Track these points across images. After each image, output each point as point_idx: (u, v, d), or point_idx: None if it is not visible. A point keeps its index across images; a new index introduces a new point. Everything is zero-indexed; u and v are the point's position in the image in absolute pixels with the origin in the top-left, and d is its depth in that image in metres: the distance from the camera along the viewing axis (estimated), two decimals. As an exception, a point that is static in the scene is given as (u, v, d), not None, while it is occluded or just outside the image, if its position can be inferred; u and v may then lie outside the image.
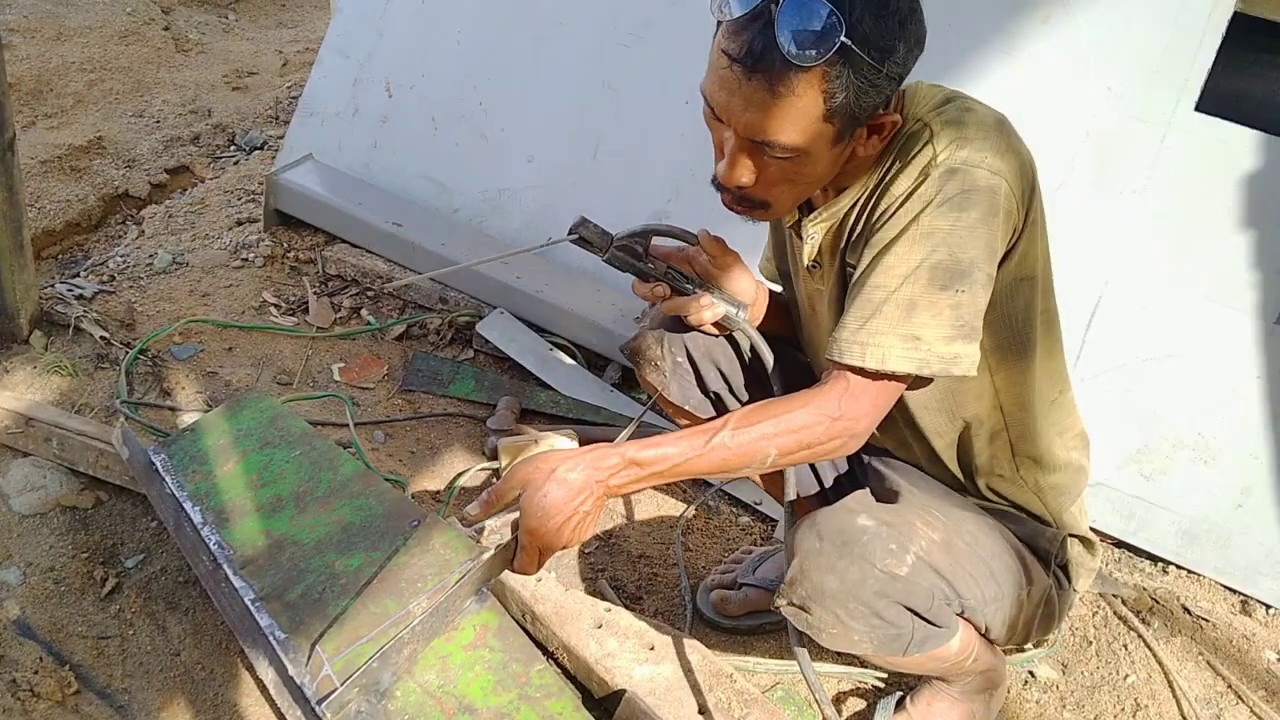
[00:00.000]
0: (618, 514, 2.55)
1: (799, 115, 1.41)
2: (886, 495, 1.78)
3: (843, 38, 1.34)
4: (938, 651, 1.71)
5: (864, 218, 1.59)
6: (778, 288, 2.00)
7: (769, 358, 1.83)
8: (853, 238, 1.62)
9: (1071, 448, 1.83)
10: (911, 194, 1.49)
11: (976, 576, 1.69)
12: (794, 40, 1.35)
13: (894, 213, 1.50)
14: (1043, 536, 1.83)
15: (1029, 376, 1.69)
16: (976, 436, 1.75)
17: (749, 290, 1.89)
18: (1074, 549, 1.87)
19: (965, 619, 1.74)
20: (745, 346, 1.94)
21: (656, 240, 1.83)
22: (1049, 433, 1.78)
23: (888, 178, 1.54)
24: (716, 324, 1.84)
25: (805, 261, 1.71)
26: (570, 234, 1.75)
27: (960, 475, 1.81)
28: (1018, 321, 1.64)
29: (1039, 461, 1.78)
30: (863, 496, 1.71)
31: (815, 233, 1.66)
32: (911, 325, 1.48)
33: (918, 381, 1.58)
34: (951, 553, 1.65)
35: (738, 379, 1.98)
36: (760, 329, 1.89)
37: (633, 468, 1.52)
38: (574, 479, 1.49)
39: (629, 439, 1.58)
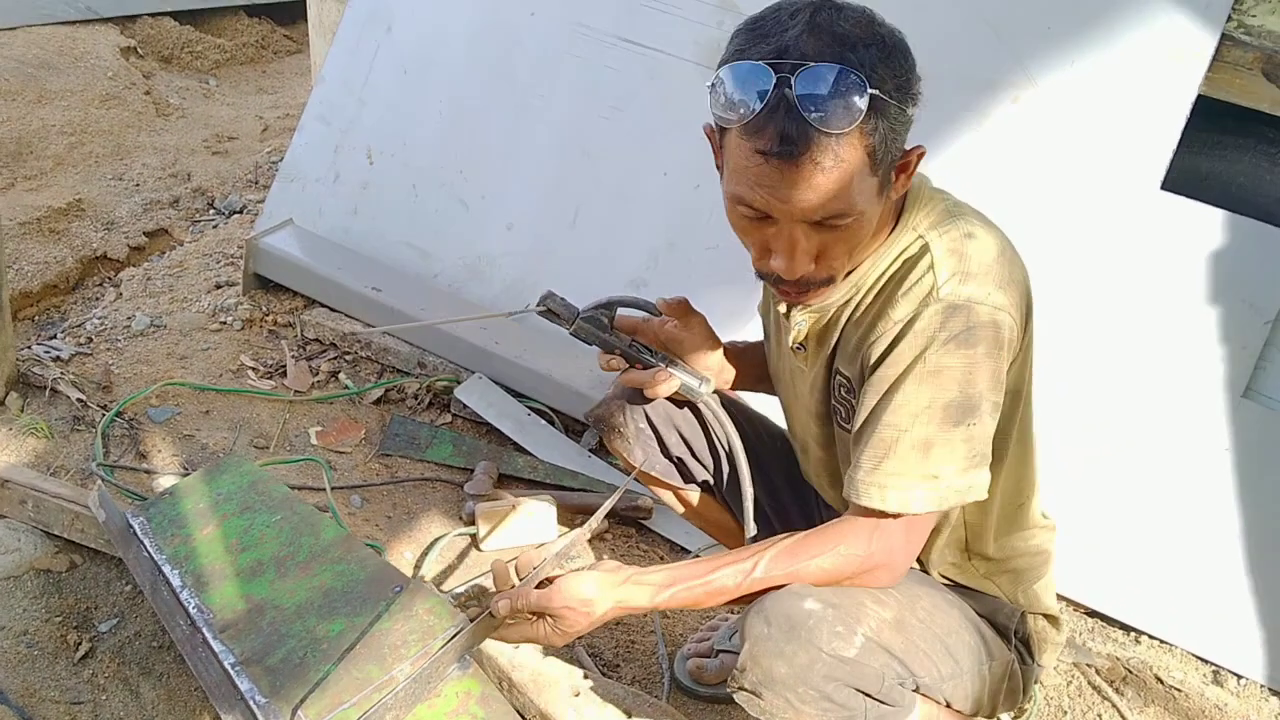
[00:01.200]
0: (595, 580, 2.55)
1: (853, 179, 1.40)
2: None
3: (870, 90, 1.35)
4: None
5: (855, 324, 1.61)
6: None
7: (733, 436, 1.85)
8: (841, 341, 1.64)
9: (1031, 538, 1.84)
10: (911, 323, 1.50)
11: (932, 654, 1.68)
12: (824, 111, 1.35)
13: (895, 345, 1.51)
14: (1001, 612, 1.84)
15: (994, 486, 1.69)
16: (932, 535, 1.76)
17: (714, 359, 1.92)
18: (1036, 624, 1.88)
19: (923, 695, 1.73)
20: (710, 422, 1.97)
21: (622, 311, 1.87)
22: (1007, 534, 1.80)
23: (881, 288, 1.57)
24: (677, 394, 1.88)
25: (790, 343, 1.73)
26: (537, 305, 1.78)
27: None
28: (997, 434, 1.64)
29: (990, 559, 1.81)
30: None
31: (802, 320, 1.68)
32: (929, 465, 1.51)
33: None
34: (904, 631, 1.64)
35: (700, 442, 2.02)
36: (740, 385, 1.94)
37: (652, 609, 1.63)
38: (604, 617, 1.62)
39: (609, 511, 1.62)
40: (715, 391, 1.90)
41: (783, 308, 1.71)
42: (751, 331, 2.06)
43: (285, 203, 3.47)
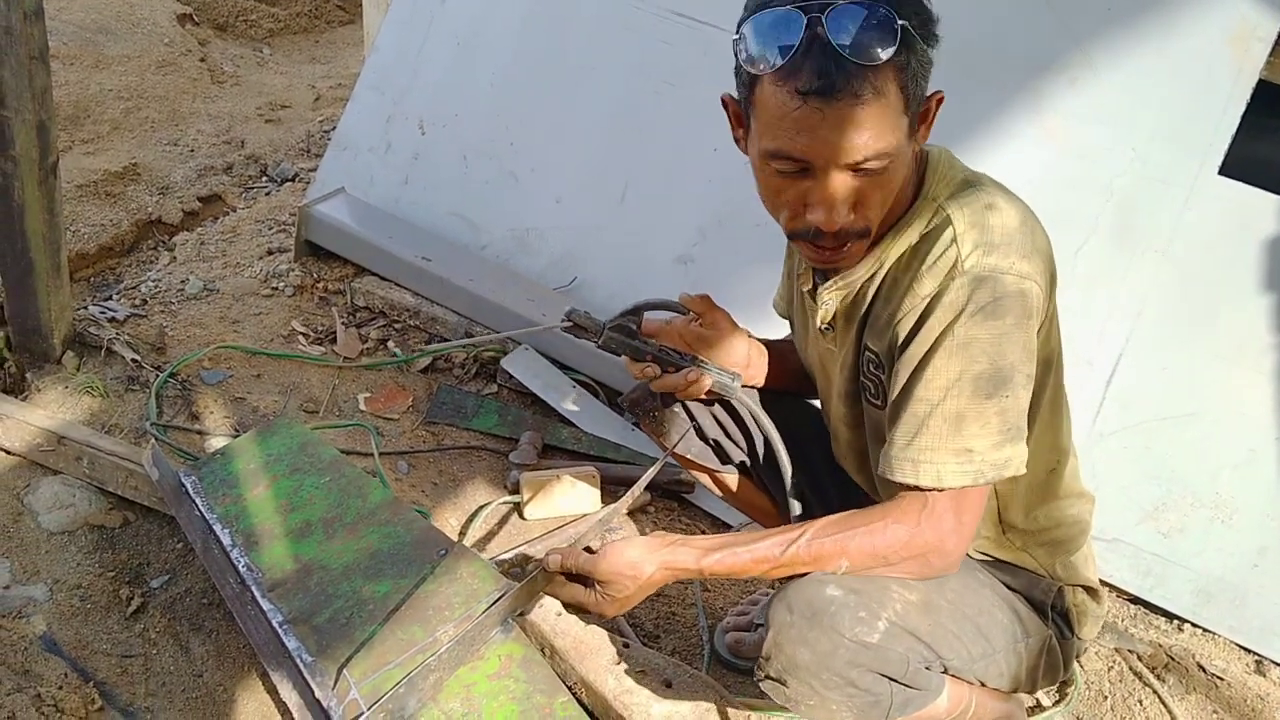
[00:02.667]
0: (637, 552, 2.57)
1: (890, 115, 1.40)
2: None
3: (900, 22, 1.35)
4: (924, 713, 1.69)
5: (883, 299, 1.60)
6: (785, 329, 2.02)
7: (768, 428, 1.85)
8: (870, 316, 1.63)
9: (1068, 508, 1.81)
10: (938, 298, 1.49)
11: (961, 635, 1.68)
12: (859, 44, 1.34)
13: (923, 319, 1.51)
14: (1038, 587, 1.82)
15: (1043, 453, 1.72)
16: None
17: (741, 355, 1.93)
18: (1076, 596, 1.86)
19: (953, 677, 1.72)
20: (745, 416, 1.97)
21: (648, 315, 1.86)
22: (1040, 504, 1.78)
23: (905, 261, 1.56)
24: (710, 392, 1.88)
25: (818, 324, 1.72)
26: (562, 323, 1.79)
27: None
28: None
29: (1024, 530, 1.79)
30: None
31: (830, 300, 1.67)
32: (962, 438, 1.50)
33: None
34: (931, 613, 1.63)
35: (734, 424, 2.02)
36: (765, 386, 1.95)
37: (704, 576, 1.64)
38: (652, 580, 1.64)
39: (649, 483, 1.64)
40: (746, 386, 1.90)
41: (807, 286, 1.71)
42: None
43: (337, 171, 3.50)
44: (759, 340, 2.02)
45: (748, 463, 2.07)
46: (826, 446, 2.01)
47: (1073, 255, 2.61)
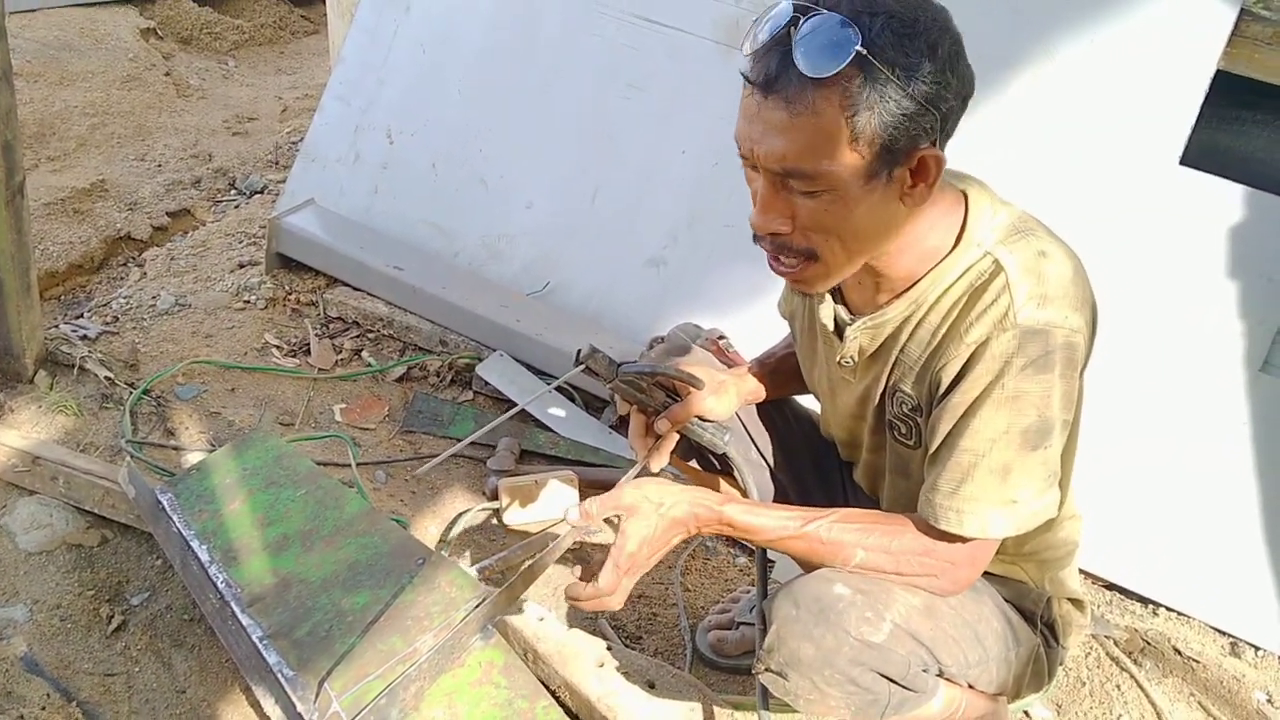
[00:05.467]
0: (616, 555, 2.58)
1: (820, 138, 1.36)
2: None
3: (858, 47, 1.32)
4: (918, 713, 1.70)
5: (921, 343, 1.58)
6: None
7: (751, 489, 1.84)
8: (902, 358, 1.61)
9: (1060, 531, 1.83)
10: (985, 346, 1.47)
11: (960, 640, 1.69)
12: (807, 53, 1.33)
13: (969, 367, 1.49)
14: (1028, 597, 1.85)
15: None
16: None
17: (734, 403, 1.93)
18: (1062, 607, 1.89)
19: (947, 680, 1.73)
20: (734, 468, 1.94)
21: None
22: (1038, 531, 1.75)
23: (950, 306, 1.53)
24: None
25: (839, 358, 1.70)
26: (578, 364, 1.79)
27: None
28: None
29: (1015, 551, 1.81)
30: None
31: (854, 338, 1.65)
32: (1007, 490, 1.50)
33: None
34: (934, 617, 1.65)
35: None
36: (769, 397, 1.99)
37: (724, 526, 1.60)
38: (675, 516, 1.59)
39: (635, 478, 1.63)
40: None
41: (830, 322, 1.68)
42: (768, 307, 2.06)
43: (306, 182, 3.50)
44: (766, 361, 2.02)
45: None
46: (815, 452, 2.03)
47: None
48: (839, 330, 1.68)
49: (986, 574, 1.82)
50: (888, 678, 1.61)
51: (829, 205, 1.42)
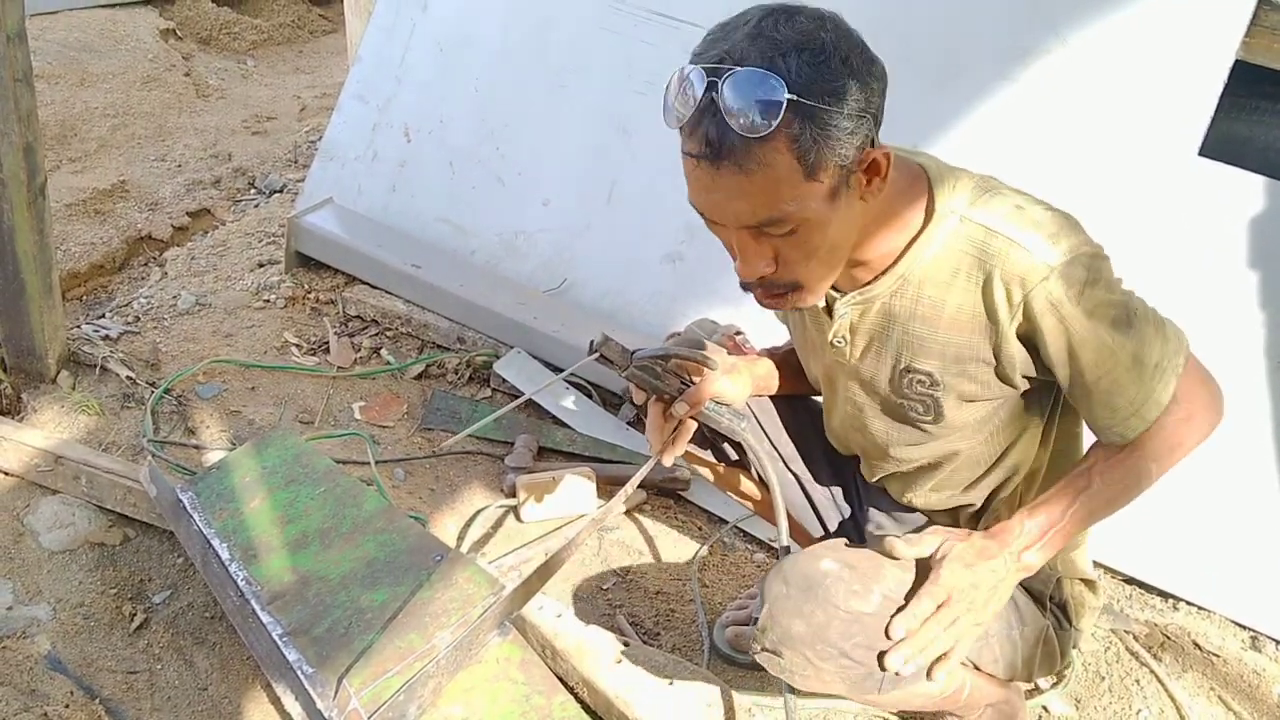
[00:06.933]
0: (635, 551, 2.59)
1: (781, 185, 1.40)
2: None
3: (787, 94, 1.34)
4: (917, 689, 1.70)
5: (923, 319, 1.61)
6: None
7: (770, 475, 1.83)
8: (906, 337, 1.64)
9: None
10: (1032, 301, 1.52)
11: None
12: (742, 116, 1.34)
13: (1035, 326, 1.54)
14: (1036, 577, 1.84)
15: (1044, 447, 1.78)
16: (998, 487, 1.81)
17: (750, 387, 1.94)
18: (1074, 588, 1.90)
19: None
20: (749, 454, 1.97)
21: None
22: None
23: (946, 277, 1.57)
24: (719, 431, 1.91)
25: (829, 337, 1.72)
26: (592, 353, 1.79)
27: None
28: (1051, 391, 1.70)
29: None
30: (834, 543, 1.70)
31: (846, 313, 1.68)
32: (1148, 368, 1.57)
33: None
34: None
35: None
36: (783, 391, 2.00)
37: (1035, 548, 1.63)
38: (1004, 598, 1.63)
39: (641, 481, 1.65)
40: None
41: (821, 303, 1.70)
42: None
43: (325, 181, 3.52)
44: (775, 351, 2.04)
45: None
46: (828, 447, 2.03)
47: (1057, 240, 2.62)
48: (829, 308, 1.70)
49: None
50: (882, 650, 1.62)
51: (806, 236, 1.47)
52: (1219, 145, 2.56)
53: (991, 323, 1.57)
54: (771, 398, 2.03)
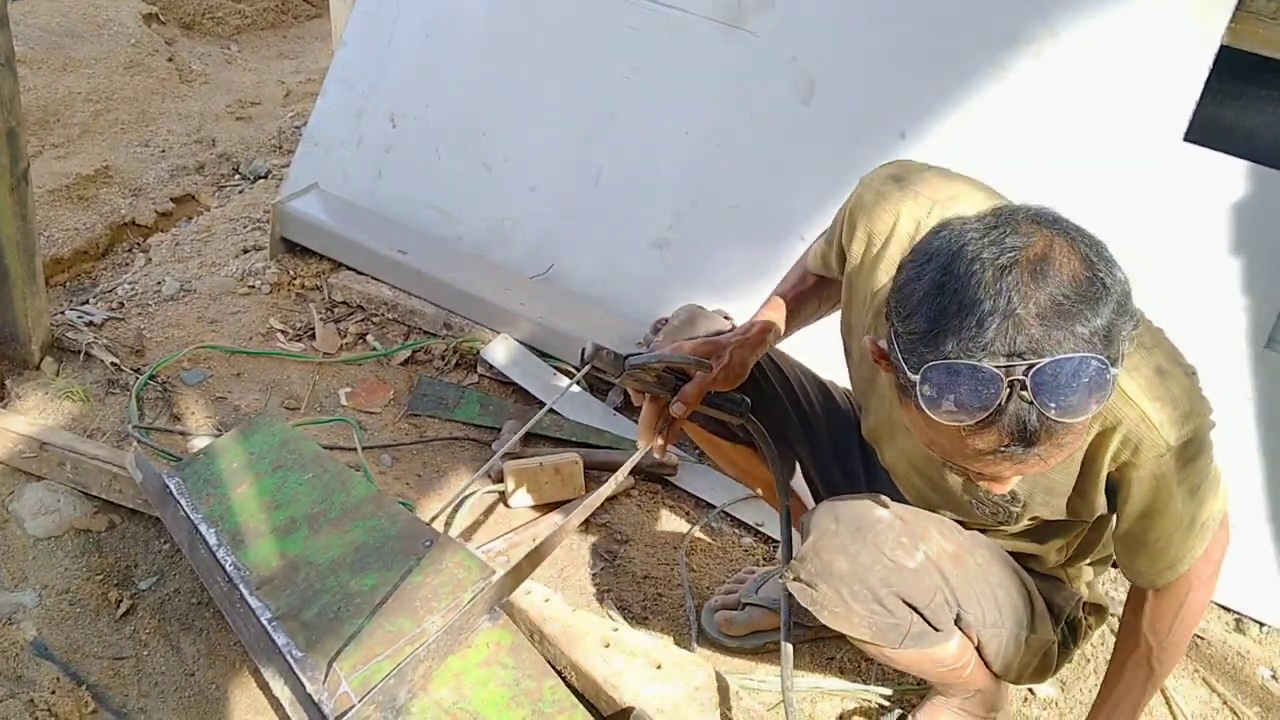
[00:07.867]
0: (622, 536, 2.59)
1: (1079, 439, 1.33)
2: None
3: (1112, 371, 1.23)
4: (932, 651, 1.75)
5: None
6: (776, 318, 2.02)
7: (774, 462, 1.89)
8: None
9: (1107, 548, 1.86)
10: (1137, 468, 1.49)
11: (980, 597, 1.73)
12: (1066, 406, 1.21)
13: (1128, 493, 1.53)
14: (1060, 593, 1.88)
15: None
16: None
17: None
18: (1085, 611, 1.95)
19: (963, 631, 1.78)
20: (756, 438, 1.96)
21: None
22: (1090, 550, 1.85)
23: None
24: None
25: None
26: (584, 365, 1.79)
27: None
28: None
29: (1063, 561, 1.86)
30: (879, 496, 1.73)
31: None
32: (1198, 529, 1.58)
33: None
34: (961, 566, 1.70)
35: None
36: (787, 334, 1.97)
37: None
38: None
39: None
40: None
41: None
42: (770, 286, 2.02)
43: (310, 167, 3.50)
44: (785, 296, 1.96)
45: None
46: (835, 428, 2.05)
47: (1043, 226, 2.63)
48: None
49: (1031, 570, 1.84)
50: (912, 606, 1.66)
51: None
52: (1204, 130, 2.57)
53: (1086, 468, 1.54)
54: (778, 386, 2.02)
